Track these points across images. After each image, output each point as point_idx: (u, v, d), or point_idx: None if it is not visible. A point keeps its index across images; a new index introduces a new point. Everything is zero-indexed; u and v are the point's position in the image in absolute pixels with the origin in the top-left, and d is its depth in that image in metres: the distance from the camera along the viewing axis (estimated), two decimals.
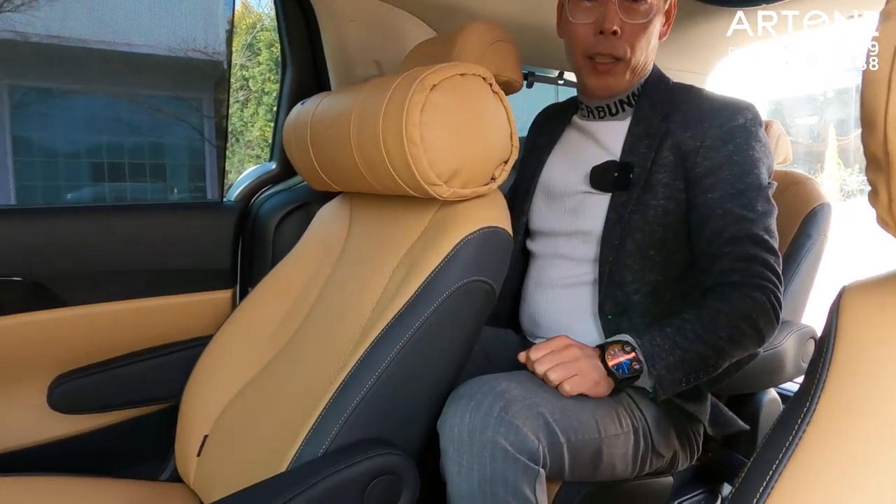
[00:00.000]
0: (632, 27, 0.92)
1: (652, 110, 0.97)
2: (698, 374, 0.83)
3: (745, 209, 0.87)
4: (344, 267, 0.99)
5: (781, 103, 4.20)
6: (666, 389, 0.82)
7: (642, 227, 0.92)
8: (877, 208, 0.37)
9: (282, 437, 0.76)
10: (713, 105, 0.93)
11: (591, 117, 1.04)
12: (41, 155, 3.61)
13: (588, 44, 0.94)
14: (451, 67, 0.77)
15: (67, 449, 1.10)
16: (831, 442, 0.38)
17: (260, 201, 1.31)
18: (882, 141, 0.34)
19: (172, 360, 1.10)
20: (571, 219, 1.00)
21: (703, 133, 0.91)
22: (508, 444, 0.72)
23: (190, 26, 3.15)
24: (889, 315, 0.41)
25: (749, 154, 0.90)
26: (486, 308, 0.81)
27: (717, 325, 0.83)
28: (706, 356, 0.82)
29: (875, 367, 0.39)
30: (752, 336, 0.84)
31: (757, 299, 0.84)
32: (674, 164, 0.92)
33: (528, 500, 0.74)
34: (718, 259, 0.88)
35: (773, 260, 0.87)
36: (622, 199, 0.94)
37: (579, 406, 0.82)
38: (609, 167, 0.96)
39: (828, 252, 1.35)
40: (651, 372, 0.80)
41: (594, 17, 0.92)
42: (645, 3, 0.91)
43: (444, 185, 0.77)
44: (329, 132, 0.91)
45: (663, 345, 0.81)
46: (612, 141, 0.99)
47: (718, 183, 0.89)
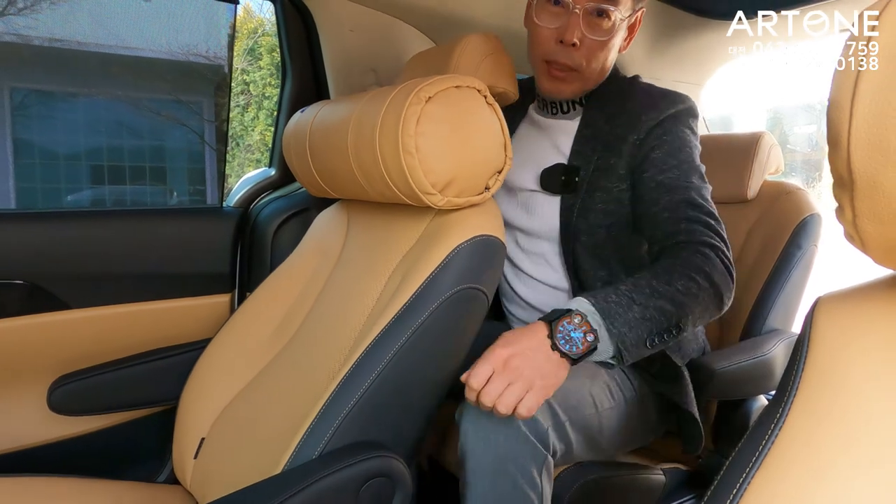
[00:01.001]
0: (591, 42, 0.94)
1: (599, 112, 1.00)
2: (662, 333, 0.79)
3: (679, 180, 0.91)
4: (341, 272, 1.01)
5: (780, 112, 4.22)
6: (630, 350, 0.77)
7: (585, 230, 0.97)
8: (843, 224, 0.39)
9: (278, 439, 0.78)
10: (650, 99, 0.97)
11: (545, 111, 1.08)
12: (42, 157, 3.62)
13: (547, 50, 0.96)
14: (446, 80, 0.78)
15: (66, 450, 1.11)
16: (801, 445, 0.39)
17: (259, 207, 1.33)
18: (846, 160, 0.36)
19: (171, 363, 1.11)
20: (524, 215, 1.05)
21: (640, 125, 0.94)
22: (523, 424, 0.78)
23: (191, 31, 3.18)
24: (860, 325, 0.43)
25: (679, 136, 0.94)
26: (479, 315, 0.83)
27: (672, 277, 0.80)
28: (666, 310, 0.78)
29: (844, 375, 0.41)
30: (707, 290, 0.81)
31: (707, 254, 0.84)
32: (616, 166, 0.96)
33: (535, 481, 0.79)
34: (661, 225, 0.90)
35: (714, 222, 0.88)
36: (569, 202, 0.99)
37: (576, 385, 0.87)
38: (556, 170, 1.00)
39: (823, 260, 1.37)
40: (611, 331, 0.76)
41: (557, 24, 0.94)
42: (608, 21, 0.93)
43: (438, 195, 0.78)
44: (327, 140, 0.93)
45: (619, 301, 0.77)
46: (562, 140, 1.03)
47: (652, 164, 0.93)
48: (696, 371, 1.02)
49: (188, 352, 1.12)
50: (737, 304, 1.36)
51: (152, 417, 1.17)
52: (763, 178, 1.46)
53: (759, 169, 1.43)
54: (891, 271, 0.43)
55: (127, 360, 1.11)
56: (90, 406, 1.08)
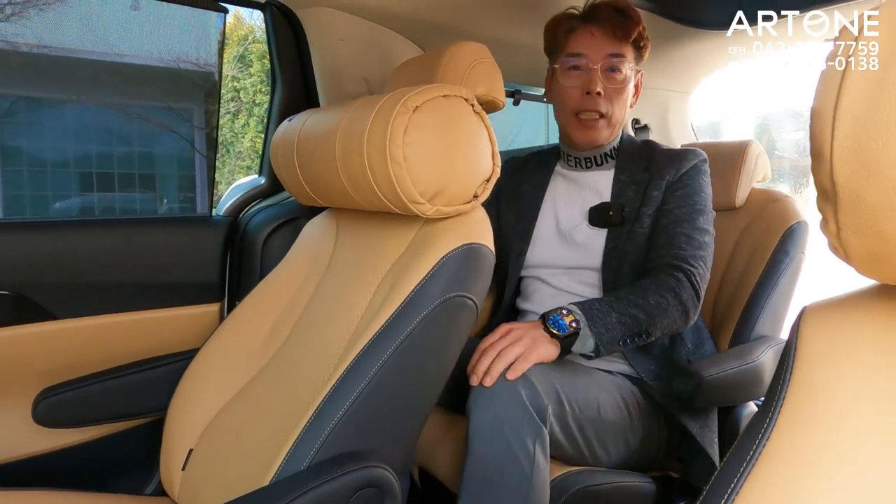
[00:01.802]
0: (611, 91, 1.14)
1: (632, 163, 1.19)
2: (634, 336, 0.99)
3: (687, 216, 1.11)
4: (330, 281, 1.00)
5: (768, 118, 4.26)
6: (607, 346, 0.96)
7: (634, 250, 1.13)
8: (827, 236, 0.39)
9: (266, 450, 0.77)
10: (676, 153, 1.18)
11: (577, 167, 1.24)
12: (30, 164, 3.60)
13: (577, 103, 1.15)
14: (433, 89, 0.78)
15: (52, 463, 1.10)
16: (790, 453, 0.40)
17: (249, 216, 1.32)
18: (829, 173, 0.36)
19: (159, 373, 1.10)
20: (577, 253, 1.18)
21: (673, 172, 1.15)
22: (524, 394, 0.86)
23: (181, 38, 3.17)
24: (845, 334, 0.43)
25: (697, 182, 1.15)
26: (468, 323, 0.83)
27: (646, 293, 1.01)
28: (639, 318, 0.98)
29: (830, 383, 0.41)
30: (676, 306, 1.01)
31: (679, 277, 1.04)
32: (656, 199, 1.14)
33: (527, 448, 0.85)
34: (656, 249, 1.10)
35: (701, 252, 1.08)
36: (616, 232, 1.14)
37: (586, 387, 0.99)
38: (604, 207, 1.16)
39: (809, 266, 1.38)
40: (591, 329, 0.95)
41: (581, 82, 1.14)
42: (621, 74, 1.14)
43: (427, 204, 0.78)
44: (315, 149, 0.92)
45: (601, 308, 0.98)
46: (600, 187, 1.20)
47: (674, 199, 1.13)
48: (684, 378, 1.03)
49: (176, 362, 1.11)
50: (725, 310, 1.37)
51: (140, 429, 1.16)
52: (751, 186, 1.47)
53: (747, 177, 1.44)
54: (875, 282, 0.43)
55: (114, 370, 1.10)
56: (76, 418, 1.07)
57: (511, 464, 0.85)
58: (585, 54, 1.13)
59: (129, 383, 1.09)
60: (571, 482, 0.93)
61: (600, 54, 1.12)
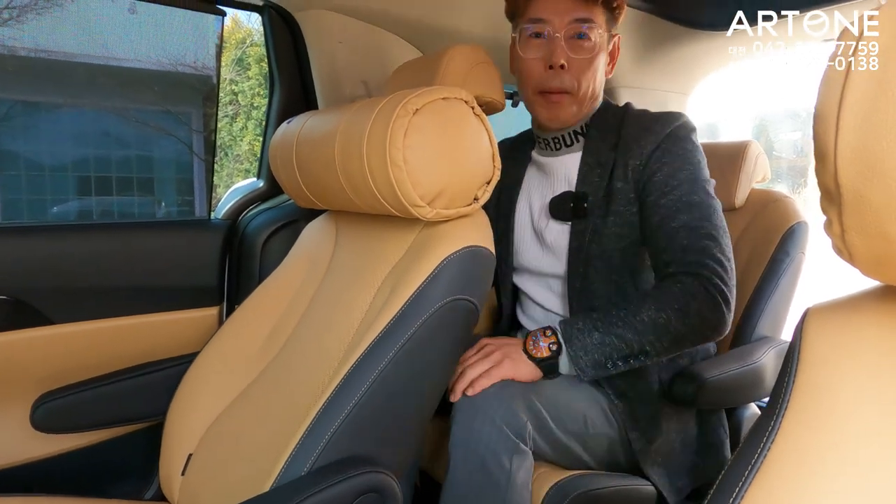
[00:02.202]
0: (578, 62, 0.98)
1: (601, 141, 1.03)
2: (625, 358, 0.88)
3: (680, 201, 0.94)
4: (329, 284, 1.00)
5: (765, 119, 4.27)
6: (585, 370, 0.89)
7: (600, 254, 1.00)
8: (831, 237, 0.39)
9: (266, 455, 0.76)
10: (645, 122, 1.00)
11: (547, 150, 1.10)
12: (27, 168, 3.59)
13: (539, 79, 1.00)
14: (433, 91, 0.78)
15: (51, 469, 1.09)
16: (795, 455, 0.39)
17: (247, 219, 1.32)
18: (833, 174, 0.36)
19: (158, 377, 1.10)
20: (549, 257, 1.07)
21: (638, 151, 0.97)
22: (498, 415, 0.84)
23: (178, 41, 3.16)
24: (849, 335, 0.43)
25: (679, 155, 0.96)
26: (469, 326, 0.82)
27: (641, 308, 0.89)
28: (626, 338, 0.87)
29: (834, 385, 0.41)
30: (681, 320, 0.87)
31: (688, 285, 0.89)
32: (624, 189, 0.98)
33: (503, 465, 0.84)
34: (659, 254, 0.95)
35: (712, 244, 0.91)
36: (580, 227, 1.01)
37: (570, 402, 0.94)
38: (565, 197, 1.03)
39: (809, 267, 1.38)
40: (568, 352, 0.89)
41: (542, 53, 0.98)
42: (589, 41, 0.98)
43: (427, 207, 0.78)
44: (314, 152, 0.92)
45: (583, 328, 0.89)
46: (569, 173, 1.06)
47: (654, 187, 0.96)
48: (685, 381, 1.02)
49: (175, 366, 1.10)
50: None
51: (139, 433, 1.15)
52: (750, 187, 1.47)
53: (747, 178, 1.44)
54: (879, 283, 0.43)
55: (112, 375, 1.09)
56: (75, 423, 1.06)
57: (486, 481, 0.84)
58: (547, 20, 0.97)
59: (128, 388, 1.08)
60: (573, 486, 0.92)
61: (564, 19, 0.96)
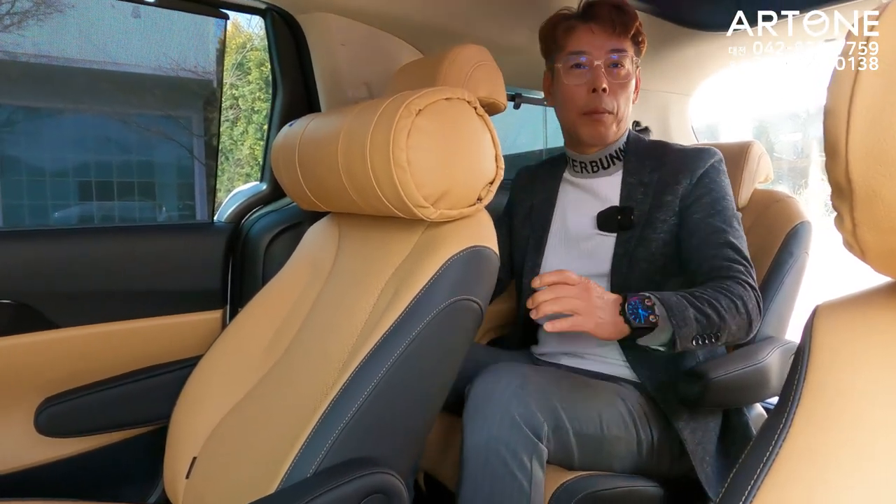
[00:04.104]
0: (616, 86, 1.12)
1: (640, 164, 1.16)
2: (705, 336, 0.93)
3: (724, 223, 1.06)
4: (333, 286, 1.00)
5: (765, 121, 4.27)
6: (682, 340, 0.90)
7: (646, 257, 1.10)
8: (842, 233, 0.39)
9: (271, 457, 0.76)
10: (689, 153, 1.14)
11: (584, 172, 1.22)
12: (29, 174, 3.59)
13: (584, 102, 1.12)
14: (436, 92, 0.78)
15: (55, 472, 1.09)
16: (806, 454, 0.39)
17: (250, 222, 1.32)
18: (844, 169, 0.36)
19: (162, 381, 1.10)
20: (587, 262, 1.15)
21: (689, 175, 1.10)
22: (517, 414, 0.85)
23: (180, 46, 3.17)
24: (859, 333, 0.42)
25: (721, 185, 1.10)
26: (473, 326, 0.82)
27: (719, 295, 0.95)
28: (713, 319, 0.92)
29: (846, 382, 0.41)
30: (743, 315, 0.96)
31: (746, 287, 0.99)
32: (672, 203, 1.10)
33: (524, 465, 0.85)
34: (707, 261, 1.04)
35: (750, 267, 1.03)
36: (625, 236, 1.12)
37: (587, 403, 0.96)
38: (612, 212, 1.14)
39: (812, 267, 1.38)
40: (671, 321, 0.90)
41: (585, 80, 1.12)
42: (623, 69, 1.12)
43: (431, 207, 0.78)
44: (317, 154, 0.92)
45: (679, 302, 0.92)
46: (608, 192, 1.17)
47: (701, 207, 1.08)
48: (691, 380, 1.02)
49: (179, 369, 1.10)
50: None
51: (143, 437, 1.15)
52: (753, 187, 1.47)
53: (750, 178, 1.44)
54: (889, 279, 0.43)
55: (116, 379, 1.09)
56: (79, 427, 1.06)
57: (510, 482, 0.84)
58: (587, 52, 1.11)
59: (132, 391, 1.08)
60: (580, 487, 0.92)
61: (602, 51, 1.10)
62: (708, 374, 1.02)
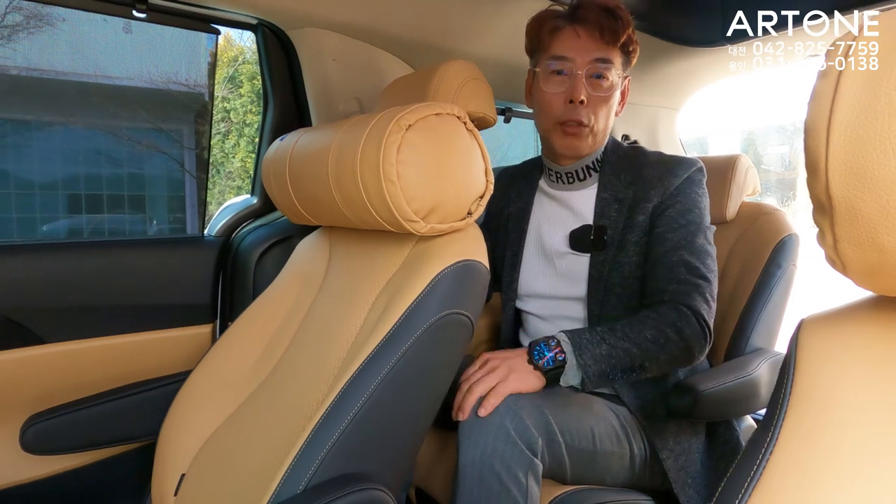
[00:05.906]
0: (596, 99, 1.05)
1: (615, 177, 1.10)
2: (626, 370, 0.93)
3: (684, 240, 1.02)
4: (323, 300, 1.00)
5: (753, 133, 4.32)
6: (592, 379, 0.92)
7: (620, 282, 1.06)
8: (824, 248, 0.39)
9: (260, 474, 0.76)
10: (666, 165, 1.08)
11: (559, 183, 1.16)
12: (17, 187, 3.57)
13: (559, 112, 1.07)
14: (426, 107, 0.79)
15: (41, 491, 1.07)
16: (793, 467, 0.39)
17: (241, 236, 1.32)
18: (825, 186, 0.36)
19: (150, 397, 1.08)
20: (564, 283, 1.12)
21: (662, 190, 1.05)
22: (511, 429, 0.85)
23: (171, 59, 3.18)
24: (843, 347, 0.43)
25: (690, 197, 1.05)
26: (464, 340, 0.82)
27: (644, 326, 0.95)
28: (631, 352, 0.93)
29: (830, 396, 0.41)
30: (676, 342, 0.94)
31: (683, 312, 0.96)
32: (643, 223, 1.05)
33: (519, 481, 0.84)
34: (654, 281, 1.02)
35: (704, 283, 1.00)
36: (600, 258, 1.07)
37: (579, 417, 0.95)
38: (586, 230, 1.09)
39: (801, 278, 1.39)
40: (578, 361, 0.91)
41: (564, 89, 1.06)
42: (606, 80, 1.05)
43: (421, 222, 0.78)
44: (307, 168, 0.92)
45: (591, 339, 0.93)
46: (582, 207, 1.12)
47: (664, 220, 1.04)
48: (681, 393, 1.02)
49: (168, 385, 1.09)
50: (719, 324, 1.37)
51: (131, 454, 1.14)
52: (741, 200, 1.49)
53: (737, 191, 1.46)
54: (872, 293, 0.43)
55: (104, 395, 1.08)
56: (66, 444, 1.04)
57: (506, 498, 0.84)
58: (570, 58, 1.03)
59: (120, 407, 1.07)
60: (572, 501, 0.92)
61: (586, 59, 1.03)
62: (698, 387, 1.02)
